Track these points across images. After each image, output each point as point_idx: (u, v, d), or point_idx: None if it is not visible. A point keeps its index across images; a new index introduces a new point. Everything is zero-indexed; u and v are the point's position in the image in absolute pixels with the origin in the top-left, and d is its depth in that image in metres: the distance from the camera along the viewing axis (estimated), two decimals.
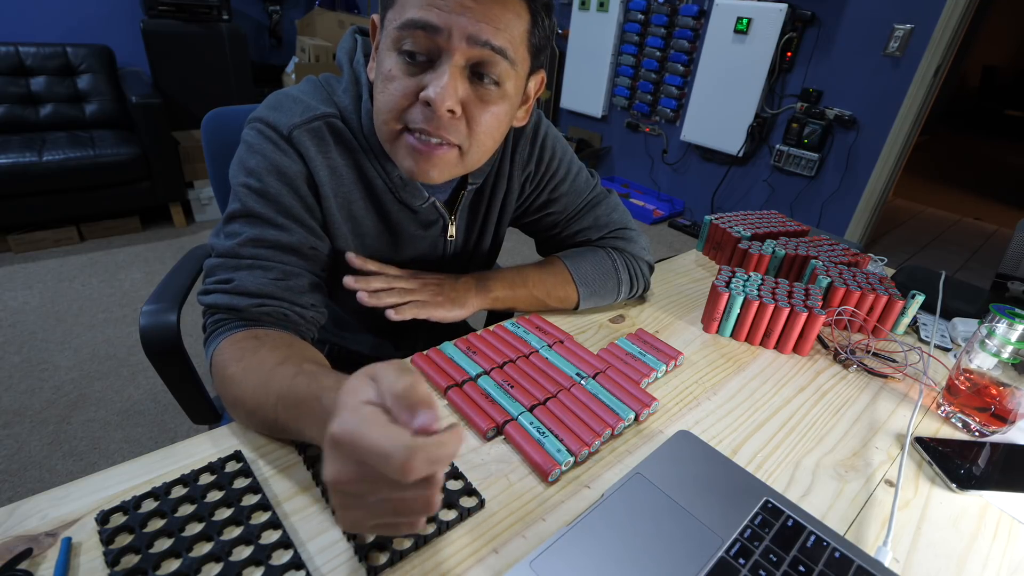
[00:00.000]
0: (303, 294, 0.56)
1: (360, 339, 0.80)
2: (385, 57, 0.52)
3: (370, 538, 0.40)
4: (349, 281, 0.59)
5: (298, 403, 0.42)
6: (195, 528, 0.39)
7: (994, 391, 0.59)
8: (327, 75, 0.62)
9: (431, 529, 0.41)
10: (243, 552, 0.38)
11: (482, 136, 0.54)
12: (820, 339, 0.76)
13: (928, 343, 0.78)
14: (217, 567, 0.37)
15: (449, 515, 0.43)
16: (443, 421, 0.32)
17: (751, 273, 0.78)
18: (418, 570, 0.39)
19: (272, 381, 0.45)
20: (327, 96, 0.60)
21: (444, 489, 0.45)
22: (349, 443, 0.29)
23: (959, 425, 0.62)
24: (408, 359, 0.62)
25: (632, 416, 0.55)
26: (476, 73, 0.51)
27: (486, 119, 0.53)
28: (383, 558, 0.39)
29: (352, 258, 0.62)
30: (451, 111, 0.50)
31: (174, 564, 0.37)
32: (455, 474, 0.46)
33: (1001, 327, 0.58)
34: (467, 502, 0.44)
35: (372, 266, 0.63)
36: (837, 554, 0.42)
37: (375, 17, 0.55)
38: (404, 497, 0.31)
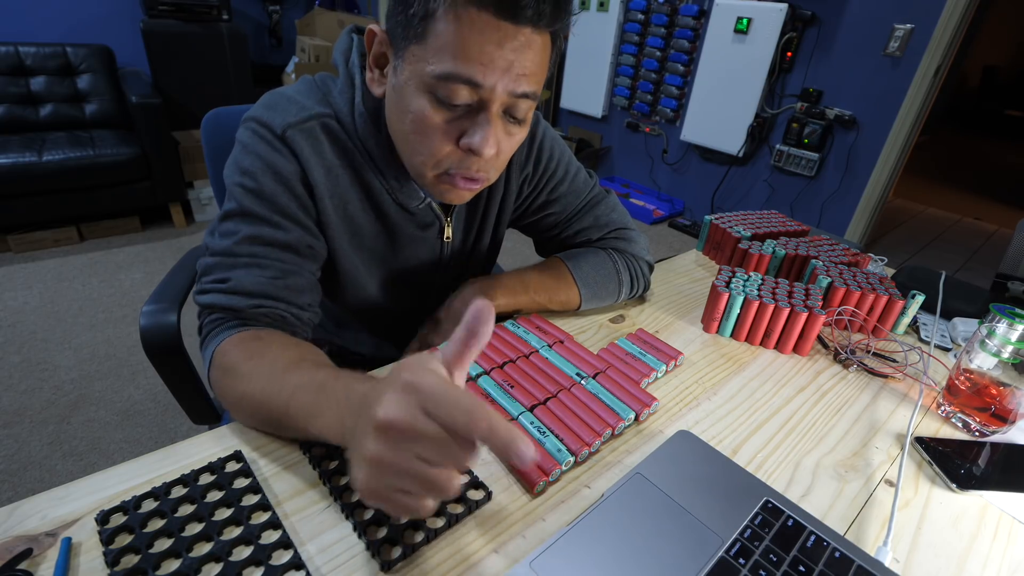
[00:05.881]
0: (301, 294, 0.56)
1: (361, 339, 0.80)
2: (413, 98, 0.50)
3: (380, 533, 0.40)
4: None
5: (320, 390, 0.42)
6: (195, 528, 0.39)
7: (994, 391, 0.59)
8: (323, 75, 0.62)
9: (441, 523, 0.41)
10: (243, 552, 0.38)
11: (504, 161, 0.57)
12: (820, 339, 0.76)
13: (928, 343, 0.78)
14: (217, 567, 0.37)
15: (457, 508, 0.43)
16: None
17: (751, 273, 0.78)
18: (418, 570, 0.39)
19: (289, 374, 0.45)
20: (322, 96, 0.59)
21: None
22: (426, 386, 0.31)
23: (959, 425, 0.62)
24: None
25: (632, 416, 0.55)
26: (506, 113, 0.52)
27: (511, 148, 0.56)
28: (396, 552, 0.39)
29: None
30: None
31: (174, 564, 0.37)
32: None
33: (1001, 327, 0.58)
34: (474, 495, 0.44)
35: None
36: (837, 554, 0.42)
37: (378, 30, 0.52)
38: (434, 470, 0.32)
